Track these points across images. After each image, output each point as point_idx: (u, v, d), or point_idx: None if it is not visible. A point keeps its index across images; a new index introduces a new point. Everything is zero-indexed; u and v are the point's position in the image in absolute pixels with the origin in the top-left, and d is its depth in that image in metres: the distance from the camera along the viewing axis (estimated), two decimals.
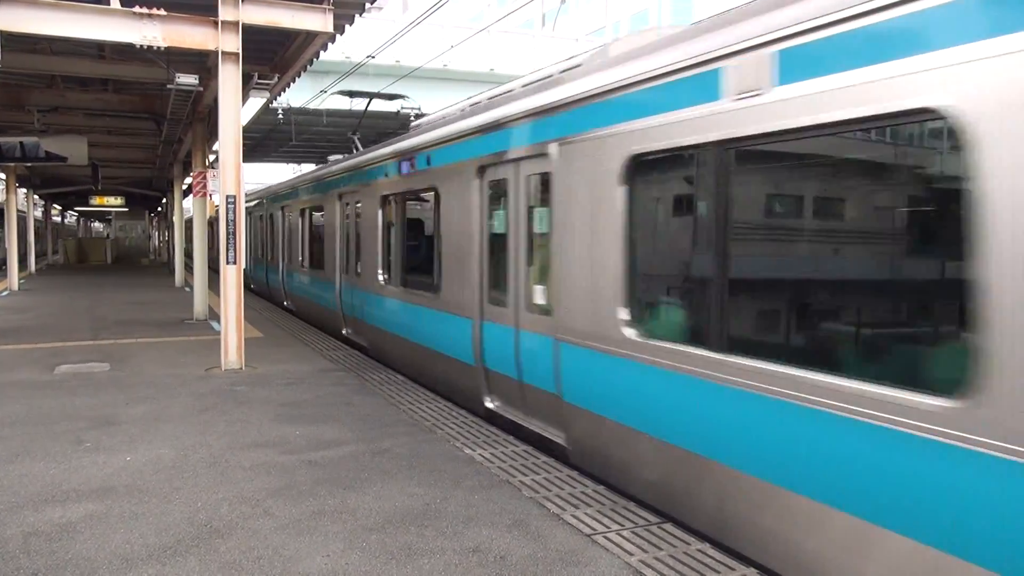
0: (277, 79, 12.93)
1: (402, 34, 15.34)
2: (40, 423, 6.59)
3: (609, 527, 4.33)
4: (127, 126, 18.15)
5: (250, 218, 21.44)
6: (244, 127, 10.58)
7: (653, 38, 5.15)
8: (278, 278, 17.40)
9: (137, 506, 4.64)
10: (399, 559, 3.91)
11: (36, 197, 32.47)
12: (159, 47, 8.89)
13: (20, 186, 26.01)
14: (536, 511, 4.57)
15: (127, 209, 41.40)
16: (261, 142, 31.30)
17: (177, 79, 10.98)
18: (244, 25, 9.03)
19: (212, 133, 14.41)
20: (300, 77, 13.15)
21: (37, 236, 34.35)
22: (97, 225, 71.83)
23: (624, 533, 4.24)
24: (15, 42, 10.05)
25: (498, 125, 6.59)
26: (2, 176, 24.08)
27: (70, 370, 9.10)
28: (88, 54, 12.19)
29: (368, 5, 10.11)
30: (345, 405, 7.32)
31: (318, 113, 23.93)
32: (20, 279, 22.40)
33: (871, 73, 3.25)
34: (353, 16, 10.18)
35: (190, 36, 8.99)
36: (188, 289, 19.59)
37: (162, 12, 8.83)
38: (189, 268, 22.15)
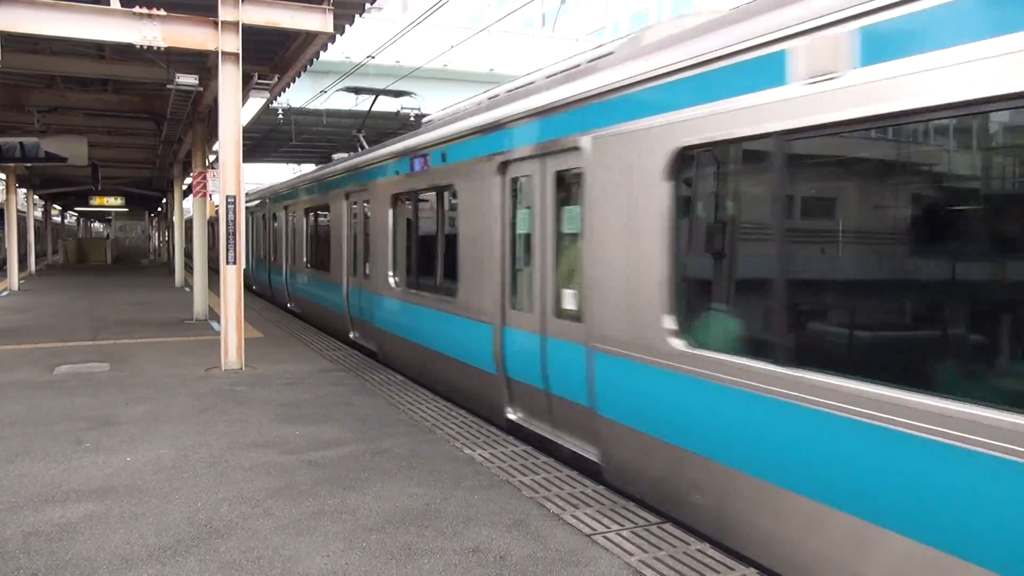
0: (277, 79, 12.94)
1: (402, 34, 15.35)
2: (40, 423, 6.59)
3: (609, 527, 4.33)
4: (127, 126, 18.16)
5: (252, 218, 21.11)
6: (244, 127, 10.58)
7: (693, 23, 4.77)
8: (281, 279, 17.00)
9: (137, 506, 4.65)
10: (399, 559, 3.91)
11: (36, 197, 32.49)
12: (159, 47, 8.89)
13: (20, 186, 26.03)
14: (536, 511, 4.57)
15: (127, 209, 41.44)
16: (261, 142, 31.38)
17: (177, 79, 10.99)
18: (244, 25, 9.03)
19: (212, 133, 14.42)
20: (300, 77, 13.17)
21: (37, 236, 34.35)
22: (97, 225, 71.87)
23: (624, 533, 4.24)
24: (15, 42, 10.05)
25: (522, 118, 6.16)
26: (2, 176, 24.09)
27: (70, 370, 9.10)
28: (88, 54, 12.20)
29: (368, 5, 10.12)
30: (345, 405, 7.32)
31: (318, 113, 23.96)
32: (20, 279, 22.41)
33: (986, 48, 2.81)
34: (353, 16, 10.19)
35: (190, 36, 9.00)
36: (188, 289, 19.59)
37: (162, 12, 8.83)
38: (189, 268, 22.16)
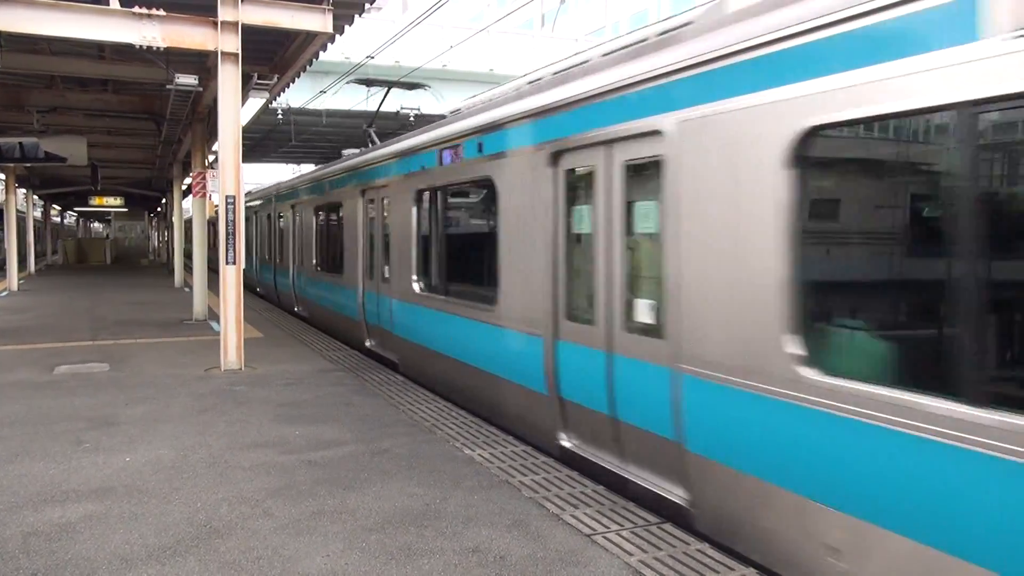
0: (277, 79, 12.95)
1: (402, 34, 15.35)
2: (39, 423, 6.59)
3: (609, 527, 4.33)
4: (127, 126, 18.16)
5: (256, 217, 20.51)
6: (244, 127, 10.58)
7: None
8: (288, 282, 16.25)
9: (136, 506, 4.65)
10: (399, 559, 3.91)
11: (36, 197, 32.51)
12: (158, 47, 8.89)
13: (20, 186, 26.04)
14: (536, 511, 4.57)
15: (126, 209, 41.47)
16: (260, 142, 31.41)
17: (177, 79, 11.00)
18: (243, 25, 9.03)
19: (212, 133, 14.42)
20: (300, 77, 13.18)
21: (36, 237, 34.35)
22: (96, 225, 71.89)
23: (624, 533, 4.24)
24: (15, 42, 10.06)
25: (581, 101, 5.39)
26: (1, 176, 24.08)
27: (69, 370, 9.10)
28: (88, 54, 12.20)
29: (368, 5, 10.13)
30: (345, 405, 7.32)
31: (318, 113, 23.97)
32: (20, 279, 22.41)
33: None
34: (353, 16, 10.20)
35: (189, 36, 9.00)
36: (187, 289, 19.58)
37: (161, 12, 8.83)
38: (188, 268, 22.14)
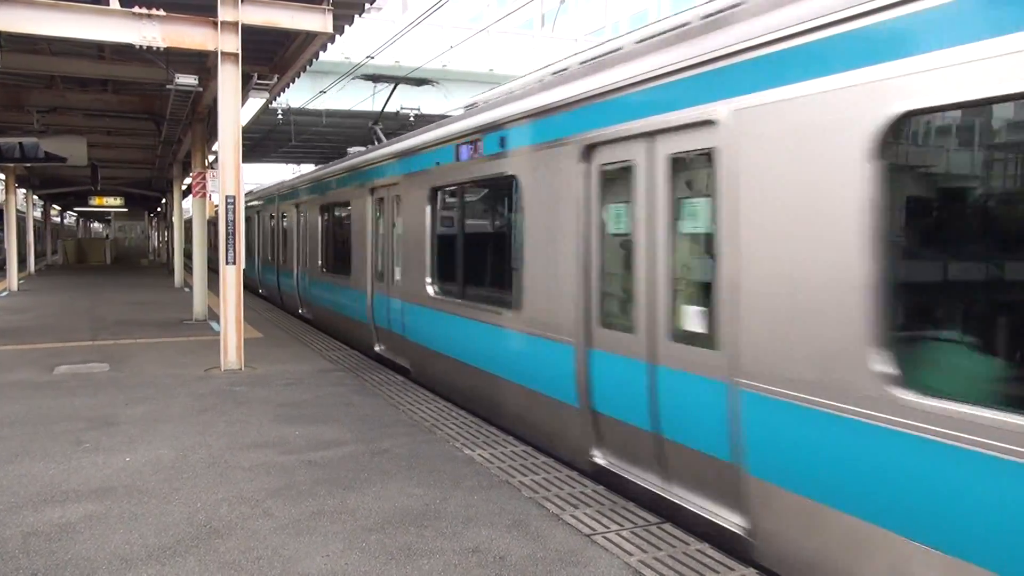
0: (276, 79, 12.95)
1: (401, 35, 15.36)
2: (39, 423, 6.59)
3: (608, 527, 4.33)
4: (126, 126, 18.16)
5: (259, 217, 20.16)
6: (243, 127, 10.58)
7: None
8: (292, 283, 15.83)
9: (136, 506, 4.65)
10: (398, 559, 3.91)
11: (35, 198, 32.50)
12: (158, 47, 8.89)
13: (19, 186, 26.03)
14: (535, 511, 4.57)
15: (126, 209, 41.46)
16: (260, 142, 31.41)
17: (176, 79, 11.00)
18: (243, 25, 9.03)
19: (211, 133, 14.42)
20: (299, 77, 13.18)
21: (36, 237, 34.36)
22: (96, 225, 71.91)
23: (623, 533, 4.25)
24: (15, 42, 10.07)
25: (618, 90, 5.01)
26: (1, 177, 24.08)
27: (69, 370, 9.09)
28: (88, 54, 12.20)
29: (367, 5, 10.13)
30: (345, 405, 7.32)
31: (317, 113, 23.96)
32: (19, 279, 22.40)
33: None
34: (352, 16, 10.20)
35: (189, 36, 9.00)
36: (187, 289, 19.59)
37: (161, 12, 8.83)
38: (188, 268, 22.15)
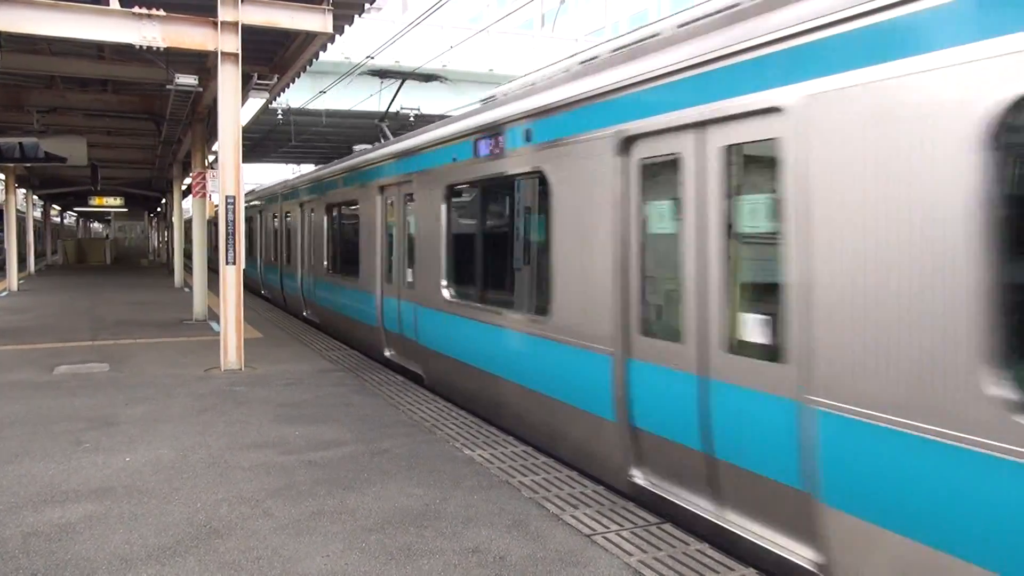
0: (276, 79, 12.95)
1: (401, 35, 15.35)
2: (39, 423, 6.59)
3: (608, 527, 4.33)
4: (126, 127, 18.16)
5: (261, 216, 19.89)
6: (244, 127, 10.58)
7: None
8: (296, 284, 15.42)
9: (136, 507, 4.65)
10: (398, 559, 3.91)
11: (35, 198, 32.50)
12: (158, 48, 8.89)
13: (19, 187, 26.03)
14: (535, 511, 4.57)
15: (126, 210, 41.45)
16: (260, 142, 31.42)
17: (176, 79, 11.00)
18: (243, 25, 9.03)
19: (211, 133, 14.42)
20: (299, 77, 13.18)
21: (36, 237, 34.37)
22: (96, 225, 71.92)
23: (623, 533, 4.25)
24: (15, 42, 10.07)
25: (662, 77, 4.64)
26: (1, 177, 24.09)
27: (69, 370, 9.09)
28: (87, 54, 12.20)
29: (367, 6, 10.13)
30: (344, 406, 7.32)
31: (317, 113, 23.97)
32: (19, 279, 22.41)
33: None
34: (352, 17, 10.20)
35: (189, 37, 9.00)
36: (187, 290, 19.59)
37: (161, 12, 8.84)
38: (188, 268, 22.16)
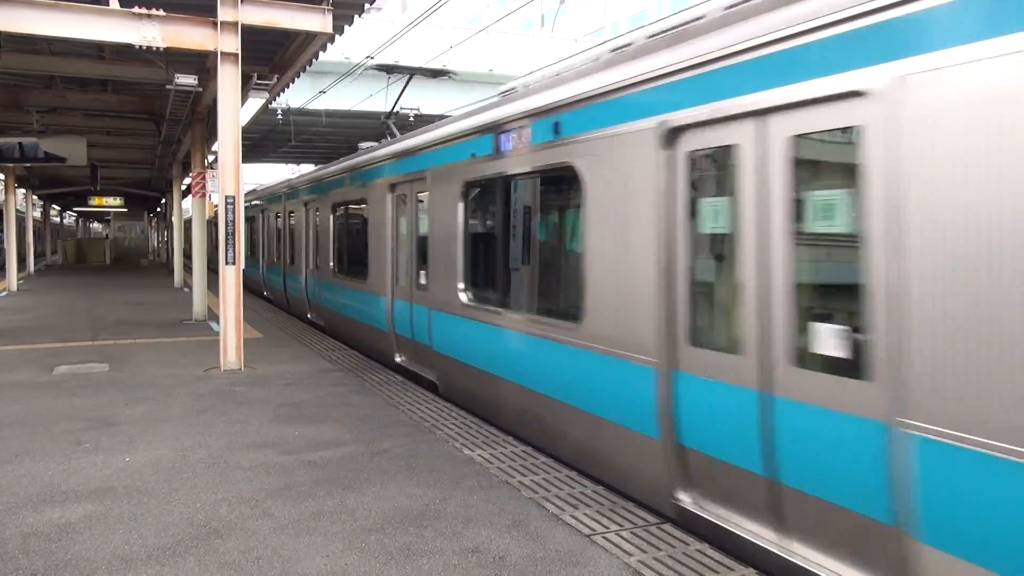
0: (276, 79, 12.95)
1: (401, 35, 15.35)
2: (39, 423, 6.59)
3: (608, 527, 4.33)
4: (126, 127, 18.16)
5: (263, 216, 19.66)
6: (243, 127, 10.58)
7: None
8: (300, 286, 15.13)
9: (136, 507, 4.65)
10: (398, 559, 3.91)
11: (35, 198, 32.50)
12: (158, 48, 8.89)
13: (19, 187, 26.03)
14: (535, 511, 4.57)
15: (126, 210, 41.45)
16: (260, 142, 31.42)
17: (176, 80, 11.01)
18: (243, 25, 9.03)
19: (211, 133, 14.42)
20: (299, 77, 13.18)
21: (36, 237, 34.36)
22: (96, 226, 71.89)
23: (623, 533, 4.25)
24: (15, 42, 10.07)
25: (716, 61, 4.23)
26: (1, 177, 24.08)
27: (69, 371, 9.09)
28: (87, 54, 12.20)
29: (367, 6, 10.13)
30: (344, 406, 7.32)
31: (317, 113, 23.96)
32: (19, 279, 22.40)
33: None
34: (352, 17, 10.20)
35: (189, 37, 9.00)
36: (187, 290, 19.58)
37: (161, 12, 8.83)
38: (188, 269, 22.14)
